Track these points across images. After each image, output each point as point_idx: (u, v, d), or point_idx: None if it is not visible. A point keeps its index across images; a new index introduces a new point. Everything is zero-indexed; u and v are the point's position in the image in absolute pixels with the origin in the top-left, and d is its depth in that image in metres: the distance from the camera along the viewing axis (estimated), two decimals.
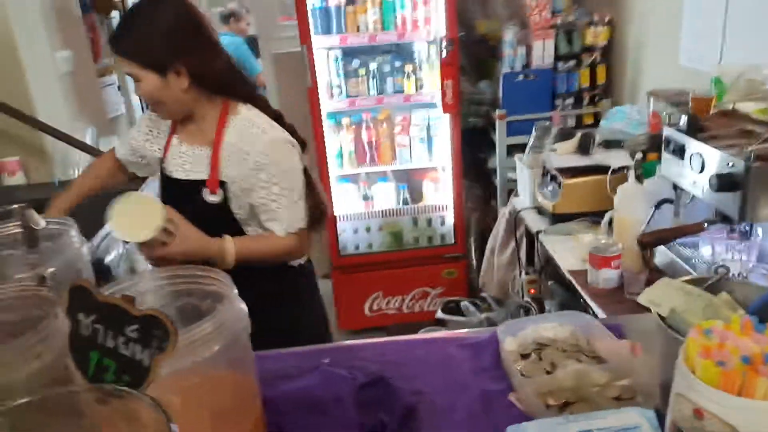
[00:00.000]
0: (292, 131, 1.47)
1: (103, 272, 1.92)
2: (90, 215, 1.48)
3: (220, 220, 1.43)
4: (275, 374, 1.12)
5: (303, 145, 1.49)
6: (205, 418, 0.75)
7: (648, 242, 1.53)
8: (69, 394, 0.67)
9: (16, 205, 0.95)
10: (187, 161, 1.46)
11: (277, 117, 1.47)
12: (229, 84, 1.43)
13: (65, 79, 2.88)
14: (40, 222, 0.90)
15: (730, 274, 0.95)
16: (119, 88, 3.68)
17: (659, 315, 0.86)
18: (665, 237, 1.53)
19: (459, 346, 1.17)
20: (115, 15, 3.72)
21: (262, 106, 1.47)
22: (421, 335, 1.22)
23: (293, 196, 1.43)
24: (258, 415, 0.78)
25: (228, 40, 4.78)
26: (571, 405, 0.92)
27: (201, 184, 1.41)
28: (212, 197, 1.40)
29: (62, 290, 0.93)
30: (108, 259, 2.00)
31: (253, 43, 4.61)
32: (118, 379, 0.66)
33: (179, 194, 1.48)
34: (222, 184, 1.40)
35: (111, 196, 1.25)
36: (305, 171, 1.49)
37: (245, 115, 1.42)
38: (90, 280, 0.65)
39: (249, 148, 1.37)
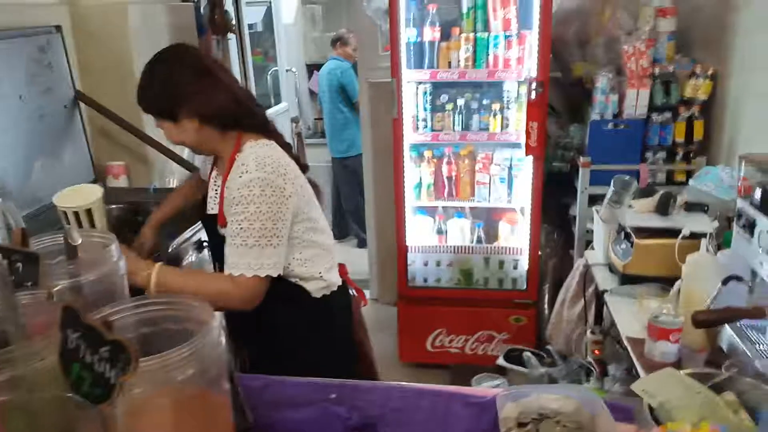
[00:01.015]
0: (297, 160, 1.53)
1: None
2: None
3: None
4: (283, 400, 1.18)
5: (303, 169, 1.55)
6: None
7: (701, 320, 1.41)
8: (53, 398, 0.76)
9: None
10: (214, 197, 1.57)
11: (285, 147, 1.53)
12: (236, 118, 1.49)
13: None
14: (77, 239, 1.02)
15: (746, 374, 0.87)
16: None
17: (650, 406, 0.80)
18: (721, 318, 1.41)
19: (464, 403, 1.15)
20: (231, 37, 3.99)
21: (275, 136, 1.54)
22: (429, 386, 1.21)
23: (249, 240, 1.39)
24: None
25: (335, 65, 4.98)
26: None
27: (216, 218, 1.52)
28: (222, 230, 1.49)
29: (96, 299, 1.04)
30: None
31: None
32: (91, 391, 0.72)
33: (208, 229, 1.61)
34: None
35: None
36: None
37: (246, 153, 1.46)
38: (77, 302, 0.73)
39: (232, 185, 1.43)
